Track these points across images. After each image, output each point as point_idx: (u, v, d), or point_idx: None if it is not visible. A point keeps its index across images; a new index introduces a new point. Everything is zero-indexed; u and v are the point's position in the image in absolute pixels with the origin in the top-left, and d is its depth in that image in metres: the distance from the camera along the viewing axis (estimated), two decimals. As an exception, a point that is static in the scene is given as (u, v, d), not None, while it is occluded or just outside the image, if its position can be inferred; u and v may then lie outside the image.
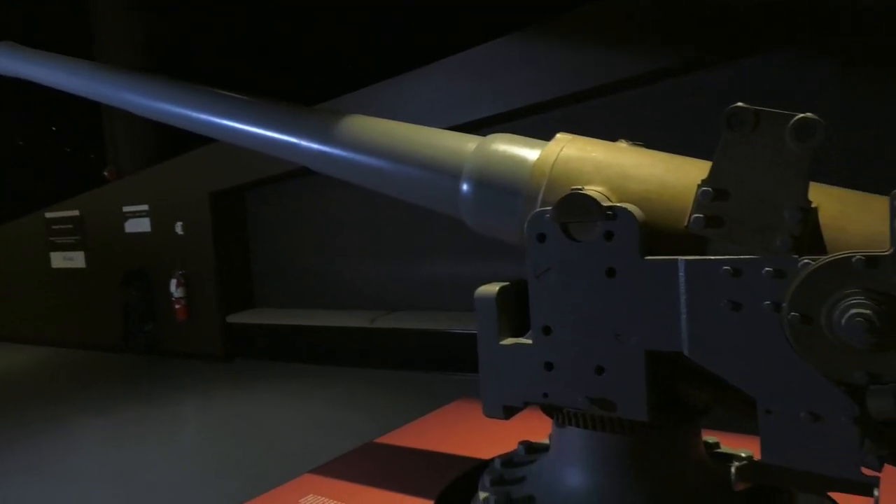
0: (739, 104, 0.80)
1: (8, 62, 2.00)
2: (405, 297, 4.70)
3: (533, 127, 1.30)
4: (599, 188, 0.94)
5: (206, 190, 5.21)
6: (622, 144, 1.05)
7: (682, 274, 0.84)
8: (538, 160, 1.04)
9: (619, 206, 0.88)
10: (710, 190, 0.83)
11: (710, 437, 1.19)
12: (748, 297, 0.79)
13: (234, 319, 5.25)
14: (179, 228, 5.46)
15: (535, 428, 1.27)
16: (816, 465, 0.78)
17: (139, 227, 5.76)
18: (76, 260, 6.36)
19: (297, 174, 4.52)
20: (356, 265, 4.97)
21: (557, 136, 1.08)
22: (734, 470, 0.82)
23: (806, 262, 0.75)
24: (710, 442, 1.18)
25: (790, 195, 0.79)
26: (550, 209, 0.92)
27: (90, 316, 6.22)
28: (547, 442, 1.17)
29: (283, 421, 3.49)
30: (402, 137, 1.28)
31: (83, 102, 2.18)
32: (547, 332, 0.96)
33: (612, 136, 1.09)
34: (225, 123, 1.58)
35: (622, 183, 0.95)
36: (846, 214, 0.83)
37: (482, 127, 3.56)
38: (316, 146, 1.40)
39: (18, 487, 2.76)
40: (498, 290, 1.00)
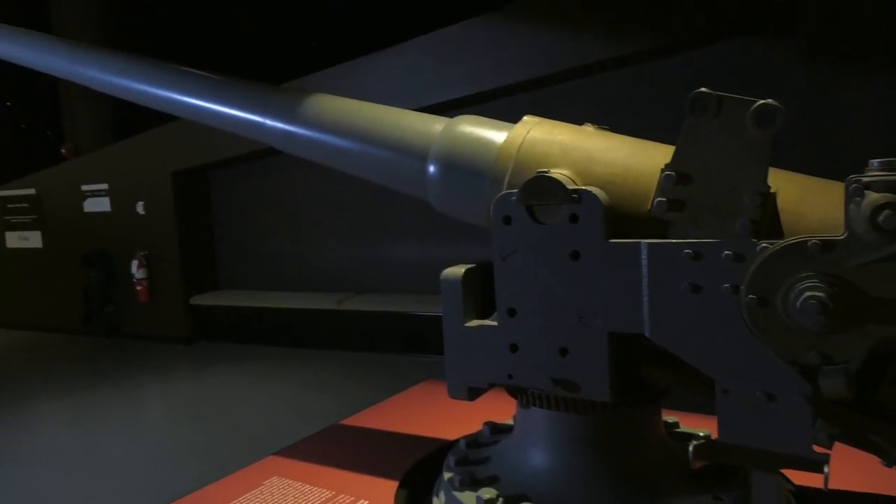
0: (703, 90, 0.81)
1: None
2: (372, 279, 4.69)
3: (502, 110, 1.30)
4: (565, 171, 0.94)
5: (168, 169, 5.10)
6: (588, 128, 1.06)
7: (644, 257, 0.85)
8: (505, 143, 1.04)
9: (584, 189, 0.89)
10: (673, 174, 0.84)
11: (670, 416, 1.21)
12: (708, 279, 0.81)
13: (197, 301, 5.17)
14: (141, 208, 5.34)
15: (499, 409, 1.28)
16: (771, 443, 0.80)
17: (99, 206, 5.62)
18: (32, 240, 6.18)
19: (262, 154, 4.45)
20: (323, 247, 4.93)
21: (524, 118, 1.08)
22: (691, 448, 0.84)
23: (764, 245, 0.77)
24: (669, 422, 1.21)
25: (750, 180, 0.80)
26: (516, 192, 0.93)
27: (48, 297, 6.06)
28: (511, 423, 1.19)
29: (247, 403, 3.46)
30: (368, 118, 1.27)
31: (39, 77, 2.11)
32: (512, 313, 0.96)
33: (580, 120, 1.10)
34: (187, 101, 1.54)
35: (587, 166, 0.95)
36: (804, 200, 0.85)
37: (451, 109, 3.54)
38: (281, 125, 1.37)
39: (-26, 472, 2.70)
40: (464, 272, 1.00)
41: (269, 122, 1.39)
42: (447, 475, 1.10)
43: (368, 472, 1.31)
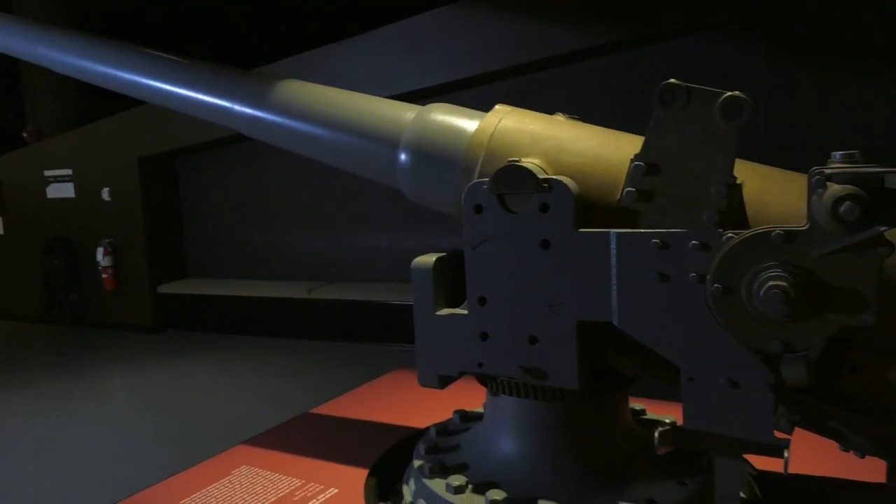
0: (672, 81, 0.82)
1: None
2: (343, 267, 4.66)
3: (474, 99, 1.29)
4: (536, 161, 0.95)
5: (134, 155, 4.99)
6: (559, 118, 1.06)
7: (613, 246, 0.86)
8: (476, 131, 1.04)
9: (554, 178, 0.89)
10: (642, 164, 0.85)
11: (637, 404, 1.23)
12: (675, 269, 0.82)
13: (165, 289, 5.09)
14: (106, 195, 5.23)
15: (470, 397, 1.29)
16: (734, 429, 0.82)
17: (62, 192, 5.48)
18: (-7, 226, 6.03)
19: (232, 140, 4.38)
20: (293, 235, 4.89)
21: (496, 107, 1.08)
22: (657, 435, 0.85)
23: (729, 235, 0.78)
24: (637, 409, 1.22)
25: (717, 171, 0.81)
26: (487, 180, 0.93)
27: (10, 285, 5.92)
28: (481, 410, 1.19)
29: (216, 393, 3.43)
30: (339, 104, 1.26)
31: (-2, 57, 2.05)
32: (482, 302, 0.97)
33: (551, 109, 1.10)
34: (153, 84, 1.51)
35: (558, 156, 0.96)
36: (768, 191, 0.87)
37: (423, 97, 3.52)
38: (250, 111, 1.35)
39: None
40: (434, 260, 1.00)
41: (237, 107, 1.37)
42: (417, 463, 1.10)
43: (338, 460, 1.31)
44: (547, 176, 0.90)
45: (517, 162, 0.91)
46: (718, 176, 0.81)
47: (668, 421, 1.18)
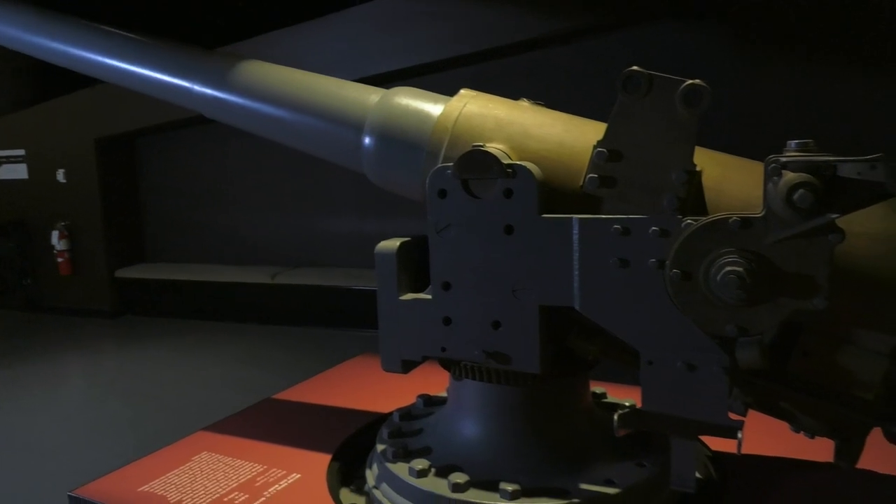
0: (634, 68, 0.83)
1: None
2: (308, 253, 4.62)
3: (440, 83, 1.29)
4: (500, 146, 0.95)
5: (91, 135, 4.86)
6: (524, 103, 1.06)
7: (575, 232, 0.87)
8: (441, 116, 1.03)
9: (518, 164, 0.90)
10: (604, 151, 0.86)
11: (598, 387, 1.25)
12: (636, 254, 0.83)
13: (123, 274, 4.98)
14: (62, 176, 5.08)
15: (434, 382, 1.29)
16: (690, 411, 0.84)
17: (14, 173, 5.30)
18: (-59, 208, 5.81)
19: (193, 122, 4.29)
20: (257, 219, 4.82)
21: (461, 92, 1.08)
22: (616, 417, 0.87)
23: (688, 222, 0.79)
24: (598, 392, 1.25)
25: (677, 158, 0.82)
26: (452, 165, 0.93)
27: (-40, 269, 5.73)
28: (445, 395, 1.20)
29: (177, 379, 3.38)
30: (302, 86, 1.24)
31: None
32: (446, 287, 0.97)
33: (516, 95, 1.10)
34: (110, 63, 1.47)
35: (523, 141, 0.96)
36: (727, 178, 0.88)
37: (388, 81, 3.49)
38: (211, 91, 1.32)
39: None
40: (398, 245, 1.00)
41: (196, 87, 1.34)
42: (380, 447, 1.10)
43: (301, 446, 1.30)
44: (511, 161, 0.90)
45: (482, 147, 0.91)
46: (678, 163, 0.82)
47: (627, 404, 1.20)
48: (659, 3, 3.21)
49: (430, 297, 0.99)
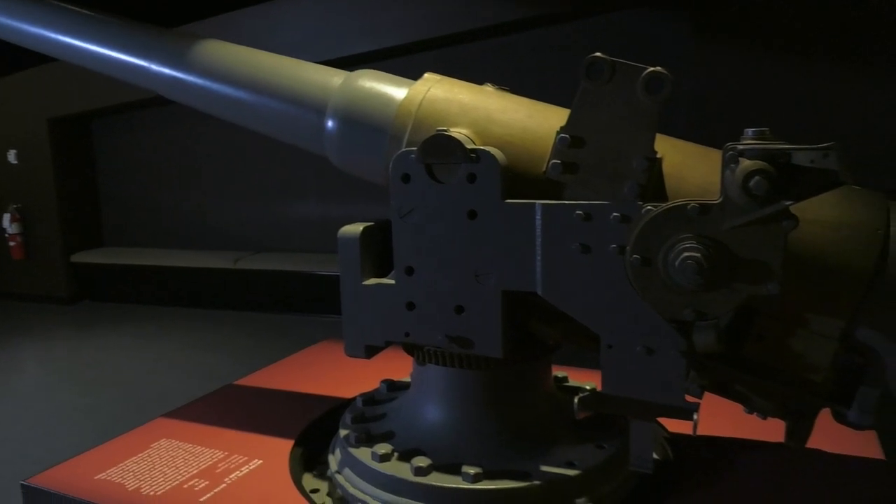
0: (597, 54, 0.83)
1: None
2: (271, 237, 4.57)
3: (404, 67, 1.28)
4: (464, 131, 0.95)
5: (44, 115, 4.71)
6: (488, 88, 1.06)
7: (538, 217, 0.87)
8: (405, 99, 1.03)
9: (482, 149, 0.90)
10: (567, 137, 0.86)
11: (560, 371, 1.27)
12: (597, 240, 0.84)
13: (79, 259, 4.86)
14: (13, 157, 4.91)
15: (397, 367, 1.29)
16: (648, 393, 0.85)
17: (-37, 154, 5.12)
18: None
19: (152, 103, 4.19)
20: (219, 203, 4.74)
21: (425, 76, 1.07)
22: (577, 400, 0.88)
23: (648, 208, 0.80)
24: (559, 376, 1.26)
25: (639, 145, 0.83)
26: (415, 149, 0.92)
27: None
28: (408, 380, 1.20)
29: (135, 366, 3.32)
30: (263, 67, 1.21)
31: None
32: (409, 272, 0.97)
33: (481, 80, 1.10)
34: (63, 40, 1.41)
35: (486, 126, 0.96)
36: (687, 165, 0.90)
37: (352, 65, 3.46)
38: (169, 71, 1.29)
39: None
40: (361, 230, 1.00)
41: (154, 66, 1.30)
42: (343, 432, 1.10)
43: (263, 431, 1.29)
44: (475, 146, 0.90)
45: (445, 131, 0.91)
46: (640, 149, 0.83)
47: (588, 387, 1.22)
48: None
49: (393, 281, 0.98)
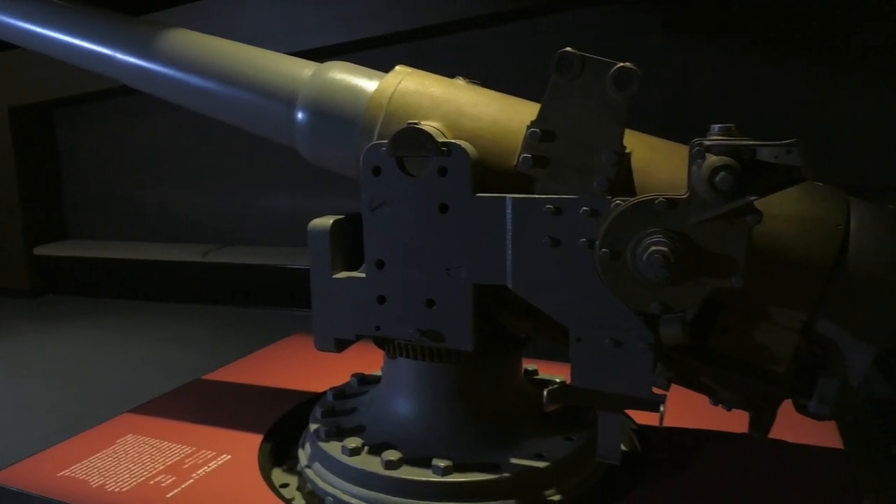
0: (568, 49, 0.83)
1: None
2: (241, 230, 4.51)
3: (376, 60, 1.26)
4: (435, 124, 0.95)
5: (4, 104, 4.58)
6: (459, 81, 1.06)
7: (509, 211, 0.88)
8: (376, 91, 1.02)
9: (453, 142, 0.90)
10: (537, 131, 0.87)
11: (530, 364, 1.28)
12: (566, 234, 0.85)
13: (42, 251, 4.74)
14: (-28, 147, 4.77)
15: (368, 361, 1.29)
16: (616, 386, 0.87)
17: (-81, 142, 4.97)
18: None
19: (118, 92, 4.09)
20: (186, 195, 4.66)
21: (396, 68, 1.07)
22: (546, 393, 0.89)
23: (617, 202, 0.81)
24: (529, 369, 1.27)
25: (608, 140, 0.84)
26: (386, 142, 0.92)
27: None
28: (380, 374, 1.20)
29: (101, 360, 3.25)
30: (231, 57, 1.19)
31: None
32: (380, 265, 0.96)
33: (452, 73, 1.10)
34: (24, 27, 1.38)
35: (457, 120, 0.96)
36: (655, 160, 0.91)
37: (323, 56, 3.42)
38: (134, 60, 1.26)
39: None
40: (332, 223, 0.99)
41: (119, 55, 1.28)
42: (313, 426, 1.10)
43: (232, 426, 1.28)
44: (446, 140, 0.90)
45: (416, 124, 0.91)
46: (609, 144, 0.84)
47: (557, 380, 1.24)
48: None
49: (363, 275, 0.98)
